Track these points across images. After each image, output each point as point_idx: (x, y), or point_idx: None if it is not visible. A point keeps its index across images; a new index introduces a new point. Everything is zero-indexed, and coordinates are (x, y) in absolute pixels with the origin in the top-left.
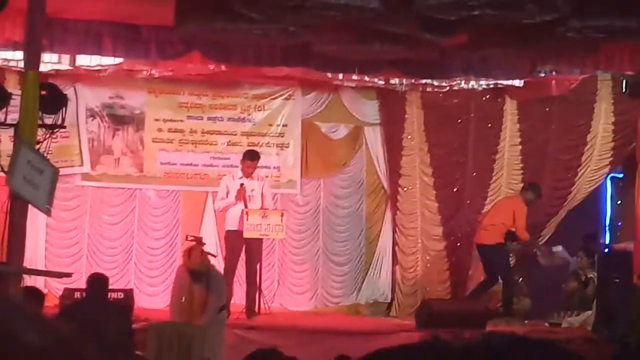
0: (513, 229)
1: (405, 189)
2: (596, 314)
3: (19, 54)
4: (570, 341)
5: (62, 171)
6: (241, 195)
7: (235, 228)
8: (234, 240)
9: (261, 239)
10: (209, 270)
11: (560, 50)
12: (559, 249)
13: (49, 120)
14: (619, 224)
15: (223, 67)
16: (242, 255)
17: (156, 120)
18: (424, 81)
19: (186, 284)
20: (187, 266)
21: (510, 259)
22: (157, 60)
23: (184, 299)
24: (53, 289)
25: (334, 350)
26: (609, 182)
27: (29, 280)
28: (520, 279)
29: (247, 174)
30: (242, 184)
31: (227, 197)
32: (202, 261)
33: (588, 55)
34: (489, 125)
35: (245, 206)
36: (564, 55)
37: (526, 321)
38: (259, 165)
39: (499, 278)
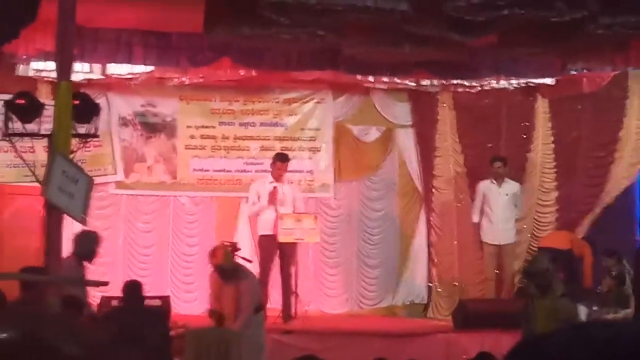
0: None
1: (439, 190)
2: (636, 310)
3: (51, 64)
4: None
5: (95, 180)
6: (274, 197)
7: (268, 232)
8: (267, 245)
9: (295, 243)
10: (236, 269)
11: (590, 47)
12: None
13: (82, 129)
14: None
15: (253, 73)
16: (277, 260)
17: (188, 127)
18: (455, 82)
19: (217, 285)
20: (212, 265)
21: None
22: (187, 67)
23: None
24: (90, 297)
25: (372, 353)
26: None
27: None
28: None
29: (278, 177)
30: (275, 187)
31: (258, 201)
32: (225, 258)
33: (618, 52)
34: (521, 124)
35: (276, 209)
36: (594, 53)
37: None
38: (292, 169)
39: None
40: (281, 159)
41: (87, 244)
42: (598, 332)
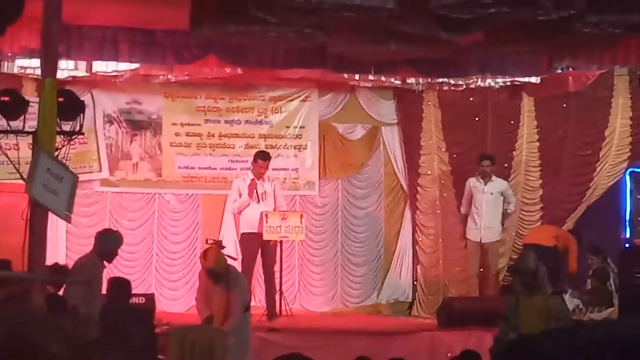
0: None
1: (424, 188)
2: (619, 309)
3: (36, 62)
4: None
5: (80, 177)
6: (252, 189)
7: (250, 230)
8: (249, 243)
9: (276, 241)
10: (227, 271)
11: (577, 46)
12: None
13: (66, 126)
14: (639, 218)
15: (239, 70)
16: (259, 258)
17: (173, 125)
18: (440, 80)
19: (208, 287)
20: (204, 268)
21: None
22: (173, 64)
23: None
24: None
25: (356, 351)
26: (627, 177)
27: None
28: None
29: (259, 175)
30: (252, 180)
31: (239, 198)
32: (216, 261)
33: (605, 51)
34: (507, 122)
35: (258, 202)
36: (580, 51)
37: None
38: (277, 167)
39: None
40: (262, 157)
41: (110, 244)
42: (587, 333)
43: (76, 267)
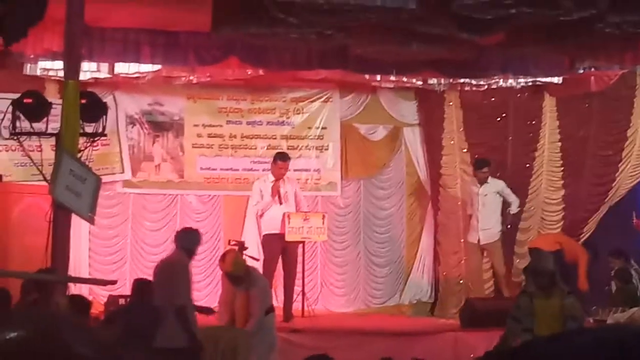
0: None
1: (446, 188)
2: None
3: (58, 64)
4: None
5: (103, 179)
6: (276, 190)
7: (273, 231)
8: (271, 244)
9: (298, 242)
10: (247, 273)
11: (598, 46)
12: None
13: (89, 128)
14: None
15: (261, 72)
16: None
17: (195, 126)
18: (462, 80)
19: (229, 289)
20: (222, 271)
21: None
22: (195, 66)
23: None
24: (97, 296)
25: (378, 352)
26: None
27: (73, 288)
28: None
29: (279, 176)
30: (274, 182)
31: (262, 200)
32: (234, 264)
33: (627, 51)
34: (528, 123)
35: (281, 203)
36: (602, 51)
37: None
38: (299, 168)
39: None
40: (282, 158)
41: (192, 241)
42: (606, 333)
43: (166, 266)
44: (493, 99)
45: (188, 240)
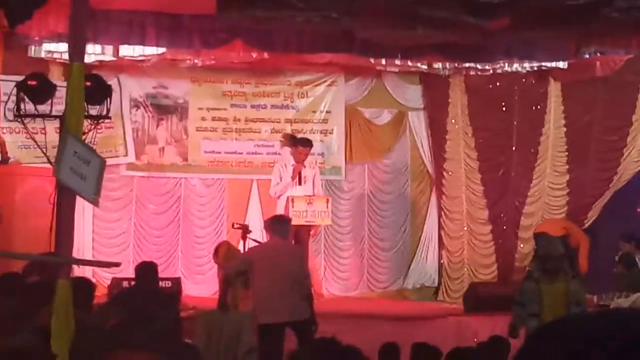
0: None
1: (450, 173)
2: None
3: (63, 46)
4: None
5: (107, 161)
6: (297, 172)
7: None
8: None
9: (309, 228)
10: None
11: (605, 31)
12: None
13: (93, 111)
14: None
15: (266, 55)
16: None
17: (200, 109)
18: (467, 65)
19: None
20: (216, 264)
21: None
22: (200, 49)
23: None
24: (101, 278)
25: (382, 336)
26: None
27: (77, 271)
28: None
29: (300, 160)
30: (294, 164)
31: (281, 181)
32: (226, 256)
33: (633, 36)
34: (533, 107)
35: (300, 184)
36: (608, 36)
37: None
38: None
39: None
40: (304, 143)
41: (284, 226)
42: (621, 316)
43: (292, 248)
44: (498, 84)
45: (278, 227)
